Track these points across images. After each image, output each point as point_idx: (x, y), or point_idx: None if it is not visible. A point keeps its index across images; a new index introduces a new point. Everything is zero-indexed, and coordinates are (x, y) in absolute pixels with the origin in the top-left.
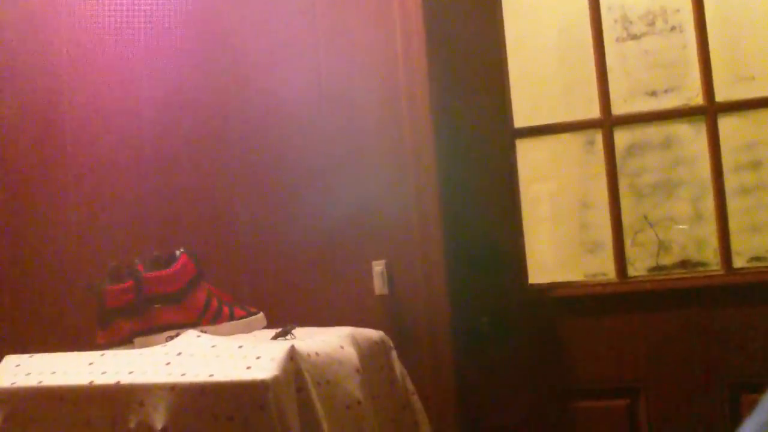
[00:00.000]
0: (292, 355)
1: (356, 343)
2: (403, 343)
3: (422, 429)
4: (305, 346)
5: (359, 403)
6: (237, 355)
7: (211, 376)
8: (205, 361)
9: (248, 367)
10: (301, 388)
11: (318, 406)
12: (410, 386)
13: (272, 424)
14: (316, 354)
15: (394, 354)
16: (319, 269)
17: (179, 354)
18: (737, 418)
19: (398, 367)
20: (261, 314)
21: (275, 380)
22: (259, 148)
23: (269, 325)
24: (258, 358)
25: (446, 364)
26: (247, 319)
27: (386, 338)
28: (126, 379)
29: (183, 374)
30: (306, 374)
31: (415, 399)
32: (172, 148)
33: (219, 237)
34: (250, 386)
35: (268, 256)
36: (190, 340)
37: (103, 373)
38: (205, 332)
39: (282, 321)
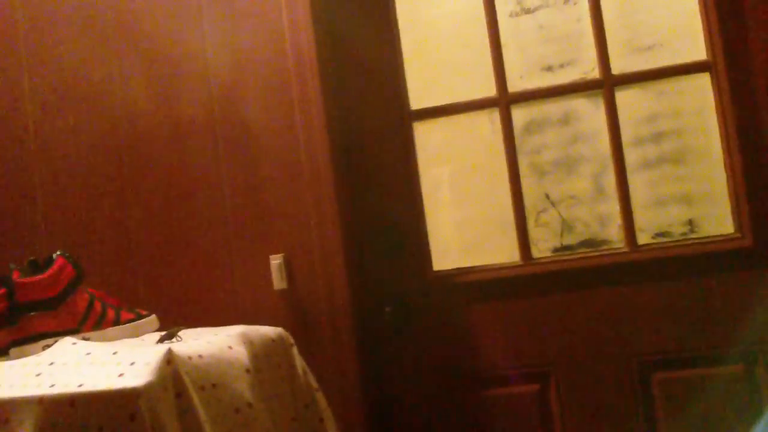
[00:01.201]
0: (170, 359)
1: (248, 341)
2: (305, 338)
3: (328, 425)
4: (187, 349)
5: (250, 405)
6: (111, 362)
7: (80, 386)
8: (77, 370)
9: (120, 375)
10: (180, 394)
11: (200, 411)
12: (313, 383)
13: None
14: (200, 356)
15: (294, 350)
16: (215, 267)
17: (51, 364)
18: (649, 397)
19: (299, 363)
20: (152, 317)
21: (148, 387)
22: (151, 145)
23: (165, 327)
24: (132, 364)
25: (350, 358)
26: (136, 322)
27: (285, 334)
28: None
29: (52, 385)
30: (186, 378)
31: (320, 395)
32: (60, 145)
33: (111, 238)
34: (120, 395)
35: (164, 255)
36: (65, 348)
37: None
38: (88, 339)
39: (179, 322)
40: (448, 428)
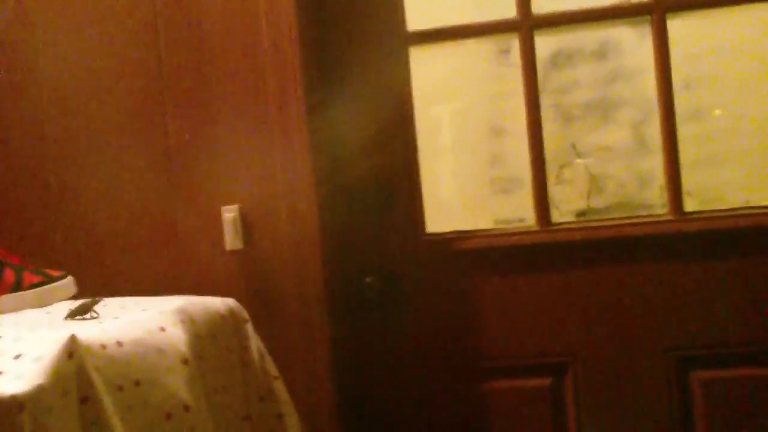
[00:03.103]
0: (72, 351)
1: (189, 319)
2: (264, 312)
3: (288, 423)
4: (100, 333)
5: (186, 408)
6: None
7: None
8: None
9: None
10: (87, 398)
11: (115, 421)
12: (272, 369)
13: None
14: (118, 343)
15: (249, 328)
16: (154, 219)
17: None
18: (686, 400)
19: (255, 345)
20: (68, 279)
21: (36, 393)
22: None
23: (85, 294)
24: (17, 357)
25: (319, 338)
26: (43, 287)
27: (238, 308)
28: None
29: None
30: (95, 376)
31: (279, 385)
32: None
33: (19, 179)
34: None
35: (88, 203)
36: None
37: None
38: None
39: (105, 288)
40: (438, 426)
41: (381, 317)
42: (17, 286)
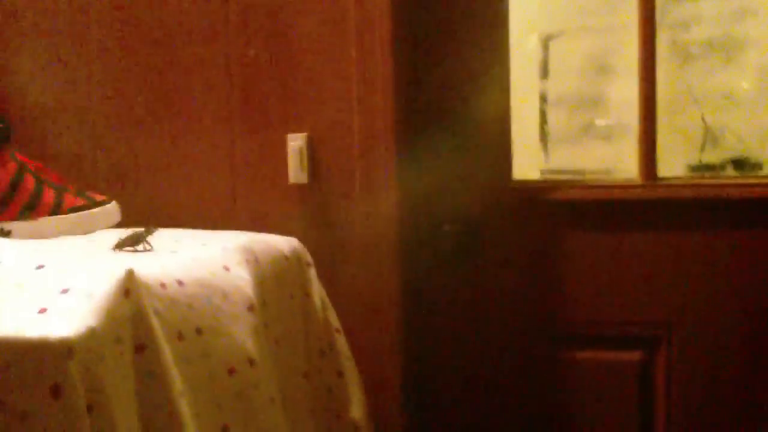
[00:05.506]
0: (129, 288)
1: (254, 260)
2: (327, 256)
3: (348, 382)
4: (159, 269)
5: (251, 362)
6: (31, 284)
7: None
8: None
9: (42, 310)
10: (143, 347)
11: (174, 376)
12: (334, 321)
13: (75, 422)
14: (179, 282)
15: (312, 273)
16: (206, 144)
17: None
18: None
19: (318, 292)
20: (113, 205)
21: (88, 338)
22: None
23: (126, 224)
24: (64, 291)
25: (389, 291)
26: (86, 212)
27: (302, 249)
28: None
29: None
30: (155, 320)
31: (341, 339)
32: None
33: (61, 89)
34: (39, 350)
35: (135, 120)
36: None
37: None
38: (9, 234)
39: (148, 219)
40: (510, 393)
41: (456, 270)
42: (57, 209)
